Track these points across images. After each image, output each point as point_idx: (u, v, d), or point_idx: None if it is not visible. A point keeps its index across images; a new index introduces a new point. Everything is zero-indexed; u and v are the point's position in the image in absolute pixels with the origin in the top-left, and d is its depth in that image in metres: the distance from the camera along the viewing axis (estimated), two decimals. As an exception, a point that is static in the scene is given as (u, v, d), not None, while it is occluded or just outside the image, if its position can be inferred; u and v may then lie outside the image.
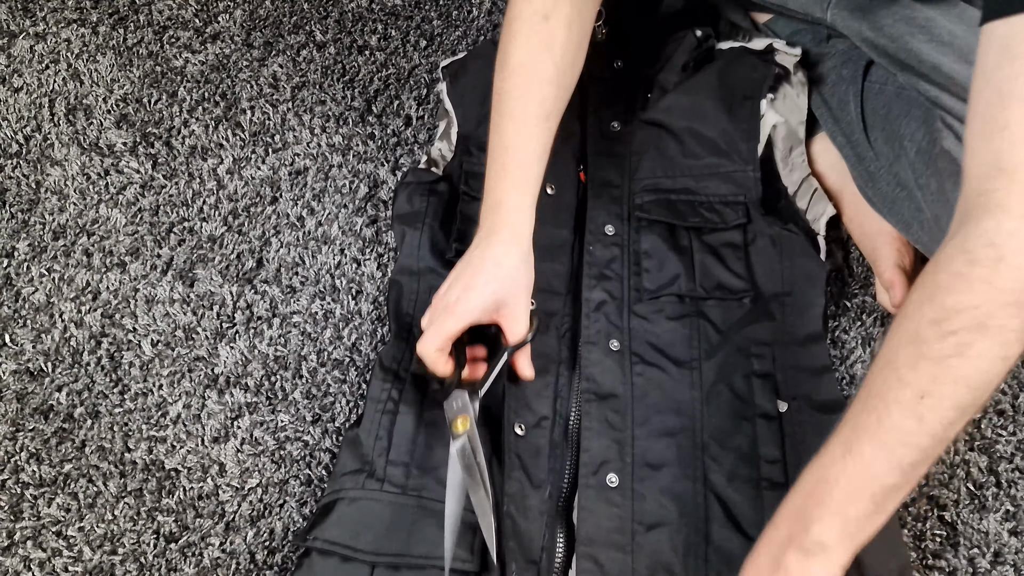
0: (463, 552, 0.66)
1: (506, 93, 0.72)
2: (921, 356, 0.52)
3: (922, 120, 0.73)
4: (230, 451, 0.78)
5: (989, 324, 0.52)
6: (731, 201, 0.80)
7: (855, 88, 0.81)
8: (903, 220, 0.76)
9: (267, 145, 0.97)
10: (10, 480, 0.78)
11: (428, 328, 0.69)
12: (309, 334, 0.85)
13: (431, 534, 0.67)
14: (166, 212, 0.93)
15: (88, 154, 0.97)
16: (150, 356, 0.84)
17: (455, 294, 0.69)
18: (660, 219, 0.80)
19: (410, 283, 0.81)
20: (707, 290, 0.77)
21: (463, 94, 0.91)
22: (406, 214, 0.85)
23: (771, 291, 0.76)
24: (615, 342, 0.75)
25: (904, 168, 0.75)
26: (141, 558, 0.74)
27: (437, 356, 0.68)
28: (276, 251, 0.90)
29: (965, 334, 0.52)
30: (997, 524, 0.73)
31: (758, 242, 0.79)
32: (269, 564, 0.74)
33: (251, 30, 1.05)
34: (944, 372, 0.52)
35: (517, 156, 0.71)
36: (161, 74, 1.02)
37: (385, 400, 0.74)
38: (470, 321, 0.68)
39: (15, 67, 1.03)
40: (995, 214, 0.52)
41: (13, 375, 0.83)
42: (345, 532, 0.68)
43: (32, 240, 0.92)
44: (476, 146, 0.88)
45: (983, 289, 0.52)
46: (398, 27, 1.05)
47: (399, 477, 0.70)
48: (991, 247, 0.52)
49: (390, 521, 0.68)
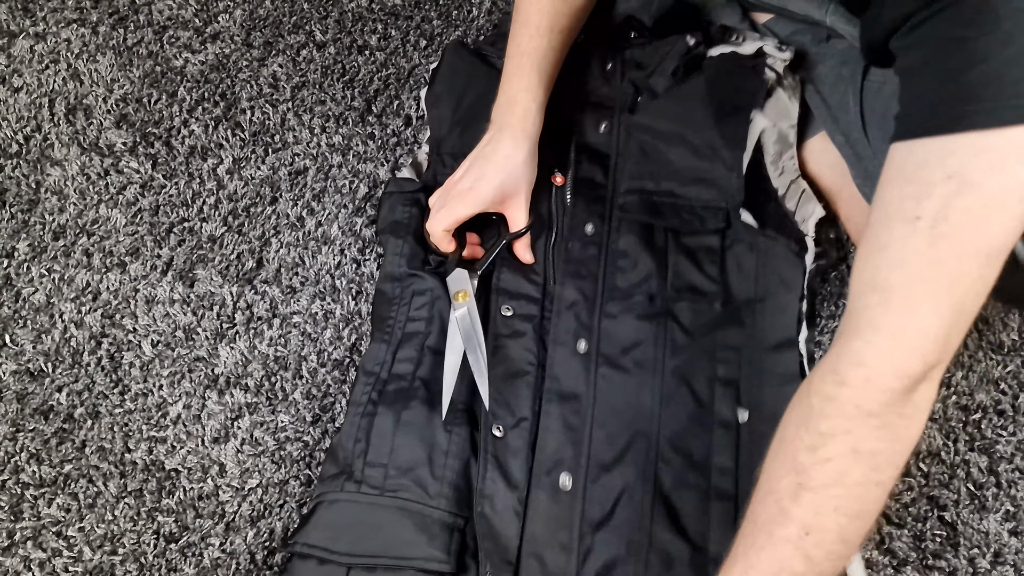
0: (439, 553, 0.67)
1: (524, 6, 0.78)
2: (801, 487, 0.53)
3: None
4: (230, 451, 0.78)
5: (861, 449, 0.53)
6: (713, 206, 0.80)
7: (854, 87, 0.81)
8: None
9: (267, 145, 0.97)
10: (10, 480, 0.78)
11: (440, 211, 0.76)
12: (309, 334, 0.85)
13: (408, 535, 0.68)
14: (166, 212, 0.93)
15: (88, 154, 0.97)
16: (150, 356, 0.84)
17: (468, 183, 0.76)
18: (640, 219, 0.80)
19: (393, 288, 0.81)
20: (677, 291, 0.76)
21: (438, 96, 0.91)
22: (389, 224, 0.85)
23: (744, 296, 0.76)
24: (583, 343, 0.75)
25: None
26: (141, 558, 0.74)
27: (444, 235, 0.77)
28: (276, 251, 0.90)
29: (840, 461, 0.53)
30: (997, 524, 0.73)
31: (736, 248, 0.78)
32: (269, 564, 0.74)
33: (251, 30, 1.05)
34: (824, 503, 0.53)
35: (534, 59, 0.77)
36: (161, 74, 1.02)
37: (365, 403, 0.75)
38: (479, 208, 0.76)
39: (15, 67, 1.03)
40: (865, 333, 0.53)
41: (13, 375, 0.83)
42: (323, 535, 0.69)
43: (32, 240, 0.92)
44: (449, 154, 0.88)
45: (852, 413, 0.53)
46: (398, 27, 1.05)
47: (377, 479, 0.70)
48: (860, 366, 0.53)
49: (367, 523, 0.69)
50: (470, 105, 0.88)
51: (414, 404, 0.74)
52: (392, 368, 0.77)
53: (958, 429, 0.78)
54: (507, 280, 0.80)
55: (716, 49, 0.88)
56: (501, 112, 0.77)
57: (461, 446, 0.72)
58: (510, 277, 0.80)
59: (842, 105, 0.83)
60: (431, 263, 0.82)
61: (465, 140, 0.86)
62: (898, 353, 0.52)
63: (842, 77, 0.83)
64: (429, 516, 0.69)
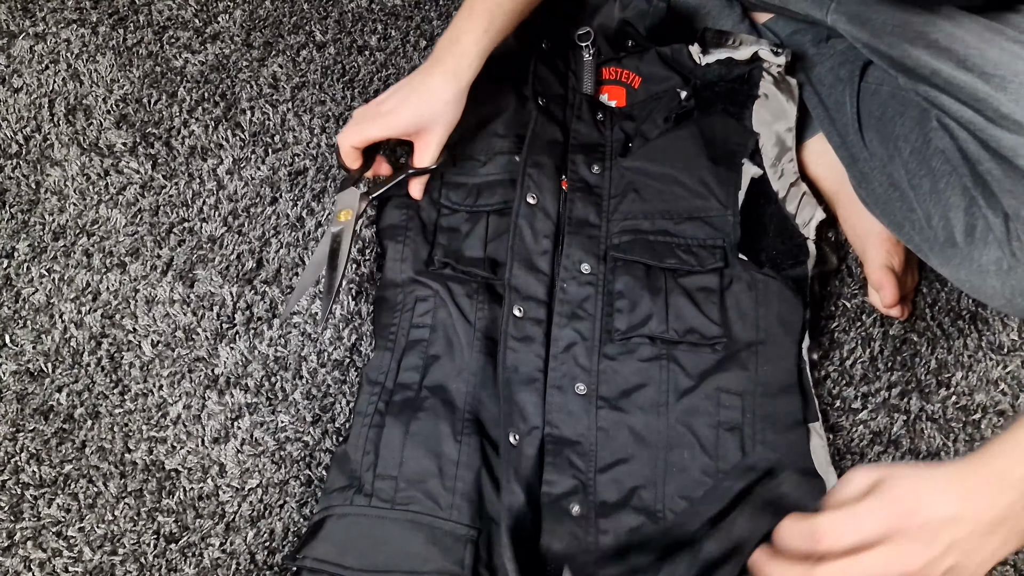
0: (454, 566, 0.66)
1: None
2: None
3: (917, 120, 0.73)
4: (230, 452, 0.79)
5: None
6: (709, 244, 0.80)
7: (851, 89, 0.81)
8: (895, 220, 0.76)
9: (267, 145, 0.97)
10: (10, 481, 0.78)
11: (353, 126, 0.79)
12: (309, 335, 0.85)
13: (421, 549, 0.67)
14: (166, 212, 0.93)
15: (88, 154, 0.97)
16: (150, 357, 0.84)
17: (388, 106, 0.78)
18: (637, 259, 0.79)
19: (394, 295, 0.81)
20: (679, 334, 0.76)
21: None
22: (388, 227, 0.85)
23: (745, 339, 0.75)
24: (581, 385, 0.74)
25: (897, 168, 0.75)
26: (141, 558, 0.74)
27: (351, 151, 0.80)
28: (276, 251, 0.90)
29: None
30: (997, 525, 0.73)
31: (734, 287, 0.78)
32: (269, 564, 0.74)
33: (251, 30, 1.05)
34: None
35: (486, 4, 0.78)
36: (161, 74, 1.02)
37: (372, 413, 0.74)
38: (392, 133, 0.79)
39: (15, 67, 1.03)
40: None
41: (13, 376, 0.83)
42: (333, 549, 0.68)
43: (32, 240, 0.92)
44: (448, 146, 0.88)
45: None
46: (398, 27, 1.05)
47: (387, 492, 0.70)
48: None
49: (378, 537, 0.68)
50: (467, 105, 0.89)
51: (422, 415, 0.73)
52: (398, 378, 0.76)
53: (958, 429, 0.79)
54: (519, 278, 0.79)
55: (712, 55, 0.88)
56: (442, 48, 0.79)
57: (472, 456, 0.71)
58: (522, 275, 0.79)
59: (838, 107, 0.83)
60: (435, 264, 0.82)
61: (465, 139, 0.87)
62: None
63: (840, 78, 0.83)
64: (441, 528, 0.68)
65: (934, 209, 0.71)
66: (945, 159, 0.69)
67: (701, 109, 0.87)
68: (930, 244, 0.72)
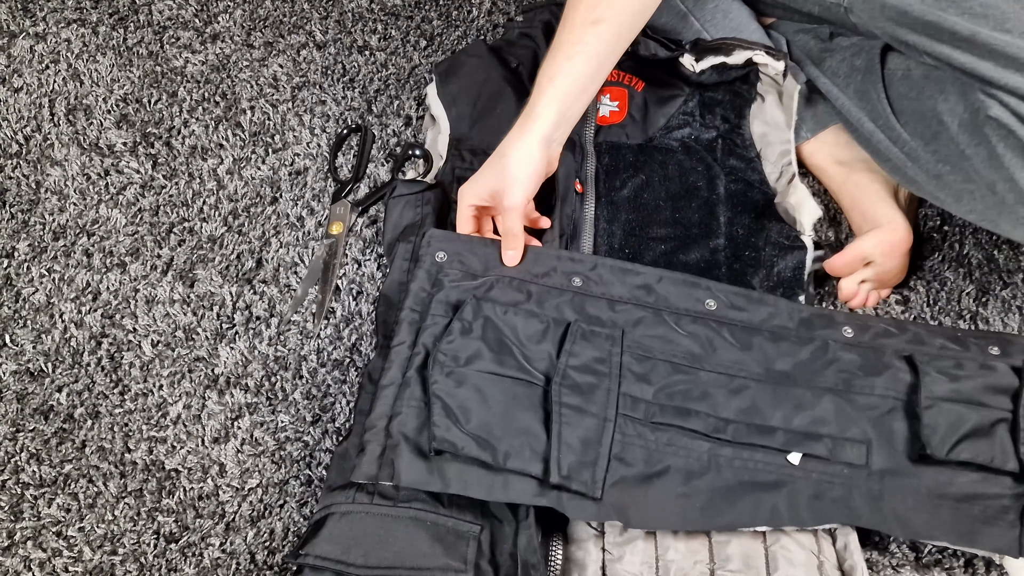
0: (457, 563, 0.66)
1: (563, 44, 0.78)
2: None
3: (960, 95, 0.73)
4: (230, 451, 0.78)
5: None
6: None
7: (873, 77, 0.81)
8: (952, 194, 0.76)
9: (267, 145, 0.97)
10: (10, 480, 0.78)
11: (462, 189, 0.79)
12: (309, 334, 0.85)
13: (424, 546, 0.67)
14: (166, 212, 0.93)
15: (88, 154, 0.97)
16: (150, 356, 0.84)
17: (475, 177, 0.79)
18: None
19: (399, 294, 0.79)
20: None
21: (456, 94, 0.91)
22: (401, 230, 0.84)
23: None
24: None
25: (945, 144, 0.75)
26: (141, 558, 0.74)
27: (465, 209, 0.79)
28: (276, 251, 0.90)
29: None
30: (997, 525, 0.73)
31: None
32: (269, 564, 0.74)
33: (251, 30, 1.05)
34: None
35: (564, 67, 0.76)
36: (161, 74, 1.02)
37: None
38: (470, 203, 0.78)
39: (15, 67, 1.03)
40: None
41: (13, 375, 0.83)
42: (336, 547, 0.67)
43: (32, 240, 0.92)
44: (468, 149, 0.88)
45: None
46: (398, 27, 1.05)
47: (390, 489, 0.69)
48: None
49: (381, 534, 0.67)
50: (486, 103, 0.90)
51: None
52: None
53: (958, 429, 0.78)
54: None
55: (706, 61, 0.89)
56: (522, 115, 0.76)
57: None
58: None
59: (862, 95, 0.83)
60: None
61: (483, 136, 0.87)
62: None
63: (856, 68, 0.84)
64: (444, 526, 0.67)
65: (996, 175, 0.71)
66: (998, 125, 0.70)
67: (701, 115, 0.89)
68: (998, 210, 0.73)
